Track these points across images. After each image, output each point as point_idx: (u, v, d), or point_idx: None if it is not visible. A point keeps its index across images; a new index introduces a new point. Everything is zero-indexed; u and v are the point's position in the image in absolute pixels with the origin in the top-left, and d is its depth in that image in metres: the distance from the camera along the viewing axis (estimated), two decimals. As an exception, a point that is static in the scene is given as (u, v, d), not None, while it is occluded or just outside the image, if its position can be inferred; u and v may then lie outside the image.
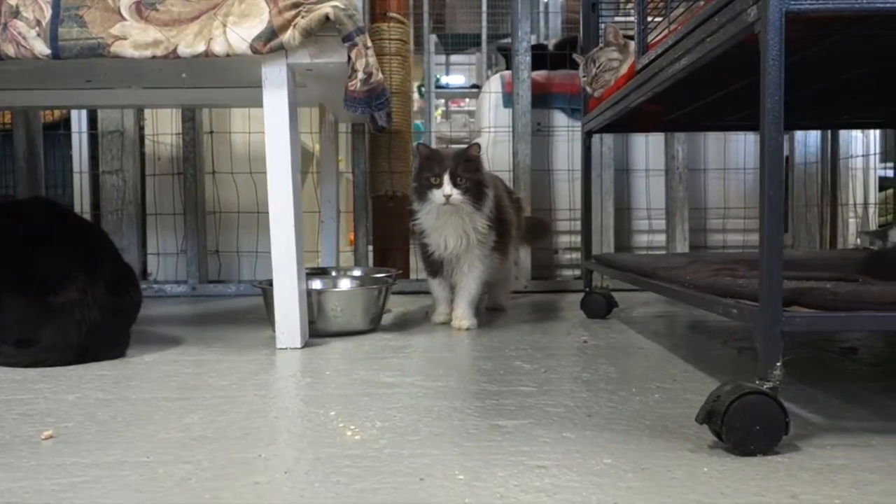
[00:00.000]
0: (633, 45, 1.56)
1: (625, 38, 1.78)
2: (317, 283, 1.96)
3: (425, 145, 1.77)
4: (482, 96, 2.85)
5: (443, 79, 6.42)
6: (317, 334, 1.69)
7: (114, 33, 1.47)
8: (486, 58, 5.85)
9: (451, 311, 1.86)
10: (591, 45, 2.00)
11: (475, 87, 5.60)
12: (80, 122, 2.77)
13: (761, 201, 0.88)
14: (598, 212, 2.58)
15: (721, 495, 0.75)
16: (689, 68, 1.14)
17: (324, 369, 1.36)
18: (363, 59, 1.50)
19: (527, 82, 2.59)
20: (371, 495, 0.76)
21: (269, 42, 1.48)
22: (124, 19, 1.48)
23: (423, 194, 1.72)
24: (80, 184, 2.78)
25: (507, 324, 1.90)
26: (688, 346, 1.56)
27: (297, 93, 1.61)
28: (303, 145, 3.03)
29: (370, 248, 2.69)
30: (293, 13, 1.48)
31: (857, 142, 2.87)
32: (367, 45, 1.51)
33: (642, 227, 2.72)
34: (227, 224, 2.77)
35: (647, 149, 2.70)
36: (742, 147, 2.72)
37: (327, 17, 1.47)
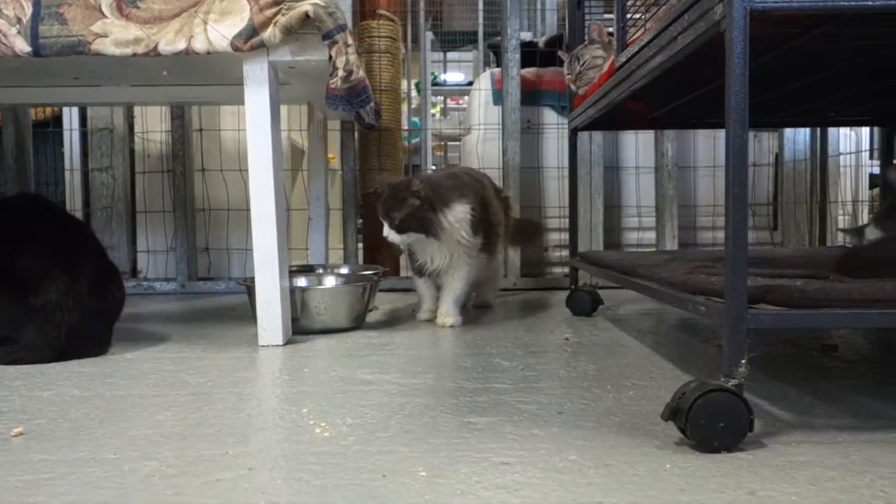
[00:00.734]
0: (615, 43, 1.56)
1: (609, 36, 1.78)
2: (301, 281, 1.97)
3: (388, 184, 1.77)
4: (472, 93, 2.85)
5: (441, 76, 6.40)
6: (300, 332, 1.70)
7: (95, 31, 1.47)
8: (483, 55, 5.83)
9: (436, 308, 1.86)
10: (576, 42, 2.00)
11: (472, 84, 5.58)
12: (72, 119, 2.77)
13: (727, 199, 0.89)
14: (587, 209, 2.58)
15: (680, 492, 0.75)
16: (664, 65, 1.15)
17: (303, 367, 1.37)
18: (343, 57, 1.50)
19: (516, 79, 2.58)
20: (332, 492, 0.76)
21: (249, 40, 1.48)
22: (105, 17, 1.48)
23: None
24: (71, 181, 2.78)
25: (493, 321, 1.91)
26: (669, 344, 1.57)
27: (283, 91, 1.61)
28: (293, 143, 3.04)
29: (360, 245, 2.70)
30: (274, 11, 1.48)
31: (849, 139, 2.86)
32: (348, 42, 1.51)
33: (632, 224, 2.72)
34: (217, 221, 2.77)
35: (637, 146, 2.70)
36: (732, 145, 2.71)
37: (307, 14, 1.47)
